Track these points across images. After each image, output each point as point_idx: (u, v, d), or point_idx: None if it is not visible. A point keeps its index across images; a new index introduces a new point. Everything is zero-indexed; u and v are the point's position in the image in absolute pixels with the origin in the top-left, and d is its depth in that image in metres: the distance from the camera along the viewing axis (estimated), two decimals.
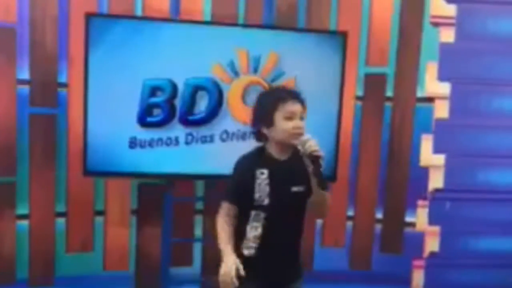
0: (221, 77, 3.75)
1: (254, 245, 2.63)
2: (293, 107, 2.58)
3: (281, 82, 3.75)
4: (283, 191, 2.60)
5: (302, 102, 2.63)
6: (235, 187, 2.65)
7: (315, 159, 2.49)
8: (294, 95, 2.64)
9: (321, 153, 2.51)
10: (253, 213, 2.62)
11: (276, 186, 2.59)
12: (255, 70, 3.79)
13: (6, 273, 3.93)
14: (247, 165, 2.63)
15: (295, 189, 2.61)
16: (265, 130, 2.61)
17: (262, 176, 2.59)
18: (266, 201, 2.59)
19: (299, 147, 2.53)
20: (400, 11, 4.19)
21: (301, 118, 2.59)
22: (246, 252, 2.64)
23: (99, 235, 4.11)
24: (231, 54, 3.74)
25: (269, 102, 2.62)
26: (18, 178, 3.88)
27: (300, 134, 2.55)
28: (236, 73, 3.77)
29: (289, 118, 2.56)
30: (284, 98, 2.59)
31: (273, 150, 2.63)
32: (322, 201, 2.64)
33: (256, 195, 2.58)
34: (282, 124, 2.56)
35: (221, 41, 3.73)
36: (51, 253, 4.02)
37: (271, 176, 2.59)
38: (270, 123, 2.58)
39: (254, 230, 2.64)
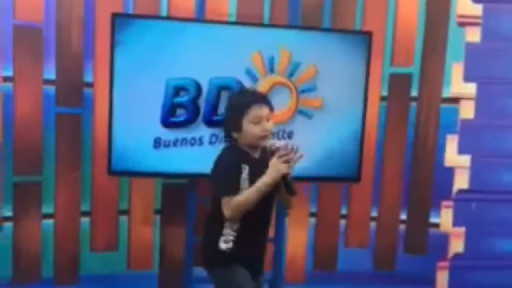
0: (257, 67, 3.71)
1: (231, 238, 2.75)
2: (259, 111, 2.73)
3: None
4: None
5: (268, 105, 2.79)
6: (231, 178, 2.72)
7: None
8: (260, 100, 2.79)
9: (288, 168, 2.68)
10: None
11: (253, 182, 2.70)
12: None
13: (31, 271, 3.96)
14: (234, 159, 2.76)
15: None
16: (234, 134, 2.78)
17: (245, 171, 2.72)
18: None
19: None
20: (425, 11, 4.16)
21: (268, 120, 2.75)
22: (223, 246, 2.76)
23: (123, 235, 4.11)
24: (256, 53, 3.70)
25: (236, 108, 2.78)
26: (44, 177, 3.90)
27: (267, 136, 2.75)
28: (272, 70, 3.73)
29: (256, 122, 2.71)
30: (250, 103, 2.74)
31: (245, 148, 2.79)
32: (289, 199, 2.84)
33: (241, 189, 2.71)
34: (250, 129, 2.72)
35: (245, 41, 3.71)
36: (75, 252, 4.03)
37: (250, 172, 2.72)
38: (238, 128, 2.74)
39: (232, 224, 2.76)
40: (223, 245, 2.75)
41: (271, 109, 2.81)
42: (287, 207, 3.08)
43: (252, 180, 2.71)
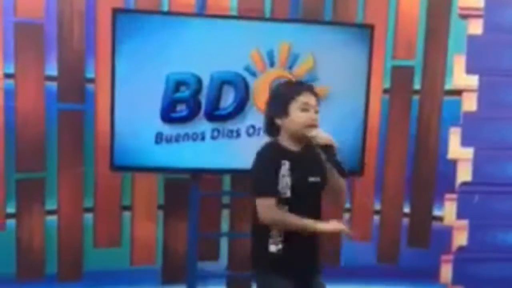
0: (257, 63, 3.71)
1: (279, 239, 2.63)
2: (309, 99, 2.64)
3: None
4: (302, 182, 2.63)
5: (317, 95, 2.70)
6: (270, 178, 2.60)
7: (328, 149, 2.60)
8: (310, 88, 2.71)
9: (333, 142, 2.61)
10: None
11: (295, 177, 2.61)
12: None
13: (35, 268, 3.97)
14: (271, 156, 2.64)
15: (312, 179, 2.66)
16: (279, 121, 2.67)
17: (284, 168, 2.60)
18: (288, 194, 2.60)
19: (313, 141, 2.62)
20: (427, 3, 4.14)
21: (316, 112, 2.66)
22: (273, 248, 2.64)
23: (126, 230, 4.12)
24: (257, 47, 3.70)
25: (286, 92, 2.70)
26: (47, 174, 3.91)
27: (314, 126, 2.63)
28: (272, 64, 3.73)
29: (304, 109, 2.62)
30: (300, 89, 2.67)
31: (286, 142, 2.68)
32: (338, 189, 2.73)
33: (279, 188, 2.60)
34: (297, 115, 2.62)
35: (247, 35, 3.71)
36: (79, 248, 4.04)
37: (291, 168, 2.61)
38: (285, 113, 2.64)
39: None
40: (273, 248, 2.64)
41: (319, 101, 2.70)
42: (336, 202, 2.92)
43: (293, 176, 2.60)
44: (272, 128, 2.72)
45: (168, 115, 3.68)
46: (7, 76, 3.78)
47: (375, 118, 4.15)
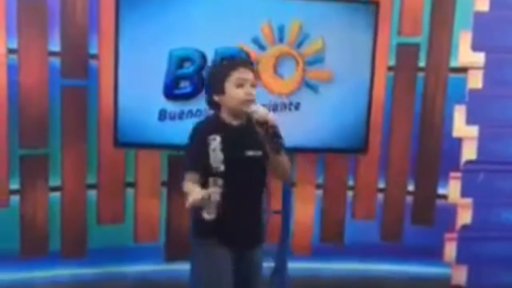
0: (266, 36, 3.67)
1: (214, 210, 2.60)
2: (244, 74, 2.66)
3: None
4: (238, 156, 2.65)
5: (253, 70, 2.72)
6: (194, 155, 2.67)
7: (265, 126, 2.57)
8: (245, 63, 2.74)
9: (271, 118, 2.58)
10: (211, 180, 2.63)
11: (230, 151, 2.63)
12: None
13: (39, 245, 3.97)
14: (201, 132, 2.69)
15: (250, 153, 2.68)
16: (217, 98, 2.70)
17: (215, 142, 2.62)
18: (222, 167, 2.62)
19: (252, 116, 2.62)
20: None
21: (253, 86, 2.67)
22: (206, 216, 2.62)
23: (129, 207, 4.13)
24: (268, 20, 3.67)
25: (220, 70, 2.72)
26: (50, 150, 3.90)
27: (251, 101, 2.63)
28: (281, 39, 3.69)
29: (240, 85, 2.64)
30: (235, 66, 2.68)
31: (226, 116, 2.71)
32: (277, 164, 2.71)
33: (211, 161, 2.62)
34: (233, 92, 2.64)
35: (252, 10, 3.67)
36: (83, 225, 4.04)
37: (224, 142, 2.62)
38: (221, 91, 2.67)
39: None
40: (206, 216, 2.61)
41: (256, 75, 2.74)
42: (278, 176, 2.92)
43: (227, 150, 2.62)
44: (213, 105, 2.75)
45: (171, 92, 3.66)
46: (10, 51, 3.75)
47: (380, 96, 4.12)
